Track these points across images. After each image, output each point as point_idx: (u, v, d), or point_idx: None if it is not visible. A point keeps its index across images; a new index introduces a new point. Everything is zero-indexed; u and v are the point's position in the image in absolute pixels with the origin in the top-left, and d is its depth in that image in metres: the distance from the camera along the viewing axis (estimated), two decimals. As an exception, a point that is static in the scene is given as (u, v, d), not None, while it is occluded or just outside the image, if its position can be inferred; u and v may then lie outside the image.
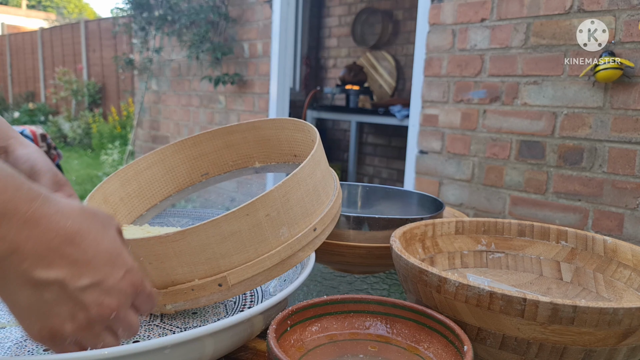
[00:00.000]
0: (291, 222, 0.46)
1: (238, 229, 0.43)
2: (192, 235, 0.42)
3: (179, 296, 0.45)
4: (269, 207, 0.44)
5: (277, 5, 2.74)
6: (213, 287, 0.44)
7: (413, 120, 2.09)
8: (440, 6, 1.94)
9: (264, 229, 0.44)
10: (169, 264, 0.43)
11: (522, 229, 0.61)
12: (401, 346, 0.43)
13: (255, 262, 0.44)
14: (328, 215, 0.51)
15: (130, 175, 0.64)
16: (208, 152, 0.68)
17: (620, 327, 0.37)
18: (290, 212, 0.46)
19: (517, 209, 1.79)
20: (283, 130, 0.64)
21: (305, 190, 0.47)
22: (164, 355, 0.34)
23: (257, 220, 0.44)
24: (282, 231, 0.46)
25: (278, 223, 0.45)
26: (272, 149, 0.67)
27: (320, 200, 0.50)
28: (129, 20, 3.79)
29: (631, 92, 1.50)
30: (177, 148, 0.67)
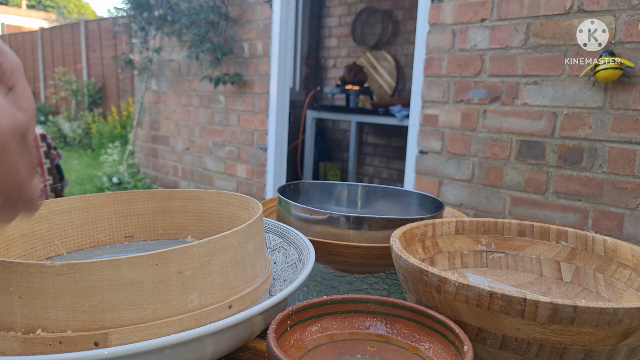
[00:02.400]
0: (205, 290, 0.39)
1: (140, 279, 0.36)
2: (83, 271, 0.35)
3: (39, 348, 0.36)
4: (184, 263, 0.37)
5: (277, 5, 2.74)
6: (87, 344, 0.36)
7: (413, 120, 2.09)
8: (440, 6, 1.94)
9: (171, 288, 0.37)
10: (43, 303, 0.35)
11: (522, 229, 0.61)
12: (401, 346, 0.43)
13: (148, 326, 0.37)
14: (249, 296, 0.44)
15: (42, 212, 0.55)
16: (140, 213, 0.62)
17: (620, 327, 0.37)
18: (207, 278, 0.39)
19: (517, 209, 1.79)
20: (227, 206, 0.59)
21: (231, 258, 0.41)
22: (164, 355, 0.34)
23: (166, 274, 0.37)
24: (191, 297, 0.38)
25: (190, 286, 0.38)
26: (210, 224, 0.61)
27: (246, 277, 0.43)
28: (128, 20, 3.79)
29: (631, 92, 1.50)
30: (108, 200, 0.60)
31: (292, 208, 0.67)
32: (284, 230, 0.61)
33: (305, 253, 0.53)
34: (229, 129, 3.14)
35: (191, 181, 3.51)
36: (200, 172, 3.42)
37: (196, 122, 3.39)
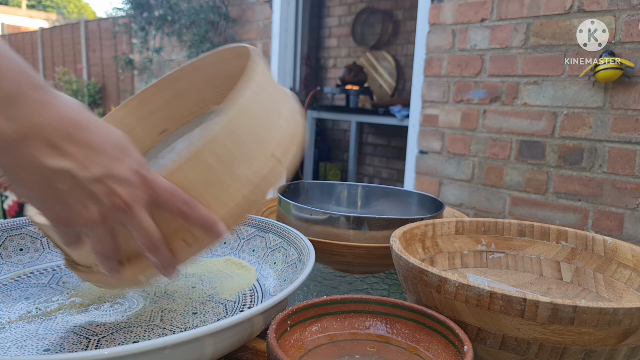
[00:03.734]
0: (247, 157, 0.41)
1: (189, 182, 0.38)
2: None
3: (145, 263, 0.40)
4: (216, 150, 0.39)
5: (277, 5, 2.74)
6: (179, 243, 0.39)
7: (413, 120, 2.09)
8: (440, 6, 1.94)
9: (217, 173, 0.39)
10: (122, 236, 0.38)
11: (522, 229, 0.61)
12: (401, 346, 0.43)
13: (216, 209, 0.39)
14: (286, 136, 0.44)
15: None
16: (159, 107, 0.62)
17: (620, 327, 0.37)
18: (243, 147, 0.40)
19: (517, 209, 1.79)
20: (227, 62, 0.57)
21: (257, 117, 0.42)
22: (164, 355, 0.34)
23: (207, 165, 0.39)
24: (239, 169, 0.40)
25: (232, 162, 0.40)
26: (223, 85, 0.59)
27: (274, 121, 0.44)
28: (128, 20, 3.79)
29: (631, 92, 1.50)
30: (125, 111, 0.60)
31: (292, 208, 0.67)
32: (284, 230, 0.61)
33: (305, 253, 0.53)
34: (229, 129, 3.14)
35: (191, 181, 3.51)
36: (200, 172, 3.41)
37: (196, 122, 3.39)
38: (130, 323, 0.47)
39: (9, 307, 0.49)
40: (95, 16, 15.93)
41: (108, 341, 0.44)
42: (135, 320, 0.48)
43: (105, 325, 0.47)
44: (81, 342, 0.43)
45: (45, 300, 0.52)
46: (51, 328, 0.45)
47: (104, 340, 0.44)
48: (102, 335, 0.44)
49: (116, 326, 0.46)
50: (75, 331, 0.45)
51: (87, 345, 0.43)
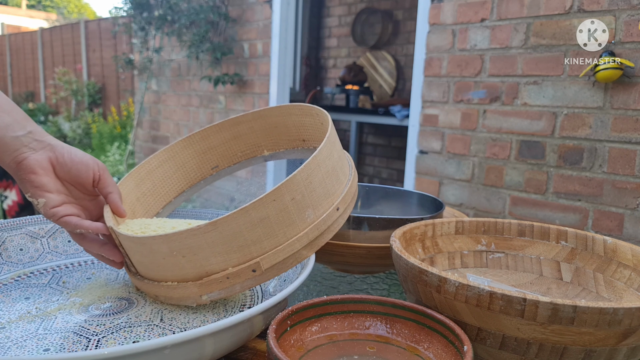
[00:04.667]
0: (315, 204, 0.48)
1: (266, 215, 0.44)
2: (224, 225, 0.43)
3: (214, 285, 0.46)
4: (293, 191, 0.45)
5: (277, 5, 2.74)
6: (247, 273, 0.45)
7: (413, 120, 2.09)
8: (440, 6, 1.94)
9: (290, 213, 0.46)
10: (203, 255, 0.44)
11: (522, 229, 0.61)
12: (401, 346, 0.43)
13: (285, 246, 0.46)
14: (348, 194, 0.52)
15: (143, 174, 0.65)
16: (216, 145, 0.69)
17: (620, 327, 0.37)
18: (313, 194, 0.47)
19: (517, 209, 1.79)
20: (290, 117, 0.65)
21: (325, 171, 0.49)
22: (164, 355, 0.34)
23: (283, 205, 0.45)
24: (307, 213, 0.47)
25: (303, 206, 0.46)
26: (279, 136, 0.67)
27: (340, 181, 0.52)
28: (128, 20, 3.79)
29: (631, 92, 1.50)
30: (186, 144, 0.68)
31: (292, 208, 0.67)
32: (284, 230, 0.61)
33: (305, 253, 0.53)
34: (229, 129, 3.14)
35: (191, 181, 3.51)
36: (200, 172, 3.41)
37: (196, 122, 3.39)
38: (130, 323, 0.47)
39: (9, 307, 0.49)
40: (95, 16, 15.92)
41: (108, 341, 0.44)
42: (135, 320, 0.48)
43: (105, 325, 0.47)
44: (81, 342, 0.43)
45: (45, 300, 0.52)
46: (51, 328, 0.45)
47: (104, 340, 0.44)
48: (102, 335, 0.44)
49: (116, 326, 0.46)
50: (75, 331, 0.45)
51: (87, 345, 0.43)
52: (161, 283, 0.48)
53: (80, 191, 0.53)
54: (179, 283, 0.47)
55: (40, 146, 0.50)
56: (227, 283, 0.46)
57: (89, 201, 0.54)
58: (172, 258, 0.45)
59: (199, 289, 0.46)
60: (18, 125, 0.49)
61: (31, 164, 0.49)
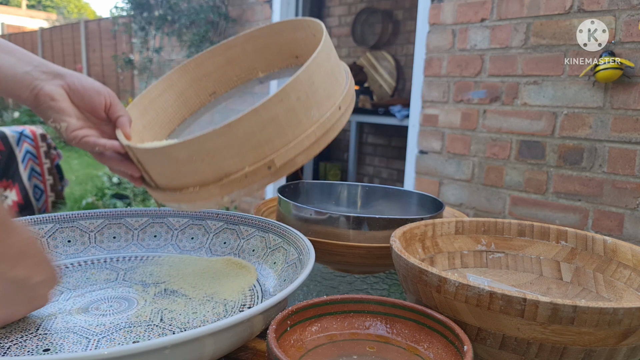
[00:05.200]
0: (319, 104, 0.50)
1: (275, 115, 0.47)
2: (237, 126, 0.46)
3: (234, 185, 0.48)
4: (298, 90, 0.48)
5: (277, 5, 2.74)
6: (263, 171, 0.48)
7: (413, 120, 2.09)
8: (440, 6, 1.94)
9: (297, 112, 0.48)
10: (220, 157, 0.47)
11: (522, 229, 0.61)
12: (401, 346, 0.43)
13: (295, 143, 0.49)
14: (348, 95, 0.55)
15: (146, 104, 0.66)
16: (211, 71, 0.70)
17: (620, 327, 0.37)
18: (316, 94, 0.50)
19: (517, 209, 1.79)
20: (281, 34, 0.65)
21: (325, 73, 0.51)
22: (164, 355, 0.34)
23: (290, 104, 0.47)
24: (312, 112, 0.50)
25: (308, 105, 0.49)
26: (272, 56, 0.68)
27: (338, 82, 0.54)
28: (128, 20, 3.79)
29: (631, 92, 1.50)
30: (182, 72, 0.69)
31: (292, 208, 0.67)
32: (284, 230, 0.61)
33: (305, 253, 0.53)
34: (229, 129, 3.14)
35: (191, 181, 3.51)
36: (200, 172, 3.41)
37: (196, 122, 3.39)
38: (130, 323, 0.47)
39: (9, 307, 0.49)
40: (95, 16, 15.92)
41: (108, 341, 0.44)
42: (135, 320, 0.48)
43: (105, 325, 0.47)
44: (81, 342, 0.43)
45: (45, 300, 0.52)
46: (51, 328, 0.45)
47: (104, 340, 0.44)
48: (102, 335, 0.44)
49: (116, 326, 0.46)
50: (75, 331, 0.45)
51: (87, 345, 0.43)
52: (183, 191, 0.51)
53: (95, 116, 0.56)
54: (201, 188, 0.49)
55: (50, 76, 0.53)
56: (245, 182, 0.48)
57: (104, 126, 0.58)
58: (191, 163, 0.48)
59: (220, 190, 0.48)
60: (23, 62, 0.52)
61: (49, 92, 0.52)
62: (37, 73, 0.52)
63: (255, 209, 0.76)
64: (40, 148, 2.75)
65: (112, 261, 0.63)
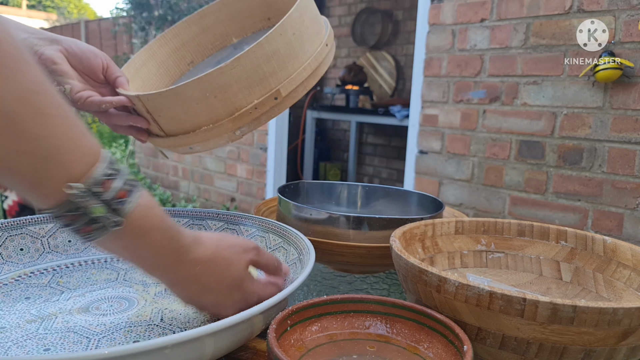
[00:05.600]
0: (310, 40, 0.55)
1: (277, 48, 0.51)
2: (245, 59, 0.49)
3: (245, 118, 0.52)
4: (293, 26, 0.52)
5: (277, 5, 2.73)
6: (270, 101, 0.52)
7: (413, 120, 2.09)
8: (440, 6, 1.94)
9: (294, 46, 0.53)
10: (231, 92, 0.50)
11: (521, 229, 0.61)
12: (401, 346, 0.43)
13: (295, 75, 0.53)
14: (331, 35, 0.61)
15: (132, 72, 0.68)
16: (188, 40, 0.72)
17: (620, 327, 0.37)
18: (308, 31, 0.55)
19: (517, 209, 1.80)
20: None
21: (311, 13, 0.56)
22: (164, 355, 0.34)
23: (288, 39, 0.52)
24: (306, 47, 0.54)
25: (302, 40, 0.54)
26: (245, 20, 0.71)
27: (321, 24, 0.60)
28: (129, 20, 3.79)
29: (631, 92, 1.51)
30: (161, 42, 0.71)
31: (292, 208, 0.67)
32: (284, 230, 0.61)
33: (305, 253, 0.53)
34: (229, 129, 3.14)
35: (191, 181, 3.51)
36: (200, 172, 3.42)
37: (196, 122, 3.39)
38: (130, 323, 0.47)
39: (9, 307, 0.50)
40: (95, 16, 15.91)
41: (108, 341, 0.44)
42: (135, 320, 0.48)
43: (105, 325, 0.47)
44: (81, 342, 0.43)
45: (46, 300, 0.52)
46: (51, 328, 0.45)
47: (104, 340, 0.44)
48: (102, 335, 0.45)
49: (116, 326, 0.46)
50: (75, 331, 0.45)
51: (87, 345, 0.43)
52: (196, 131, 0.53)
53: (93, 79, 0.58)
54: (214, 124, 0.52)
55: (48, 42, 0.54)
56: (255, 113, 0.52)
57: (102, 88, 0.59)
58: (205, 101, 0.51)
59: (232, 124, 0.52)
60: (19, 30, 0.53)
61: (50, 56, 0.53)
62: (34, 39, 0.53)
63: (255, 209, 0.76)
64: (40, 148, 2.75)
65: (113, 261, 0.63)
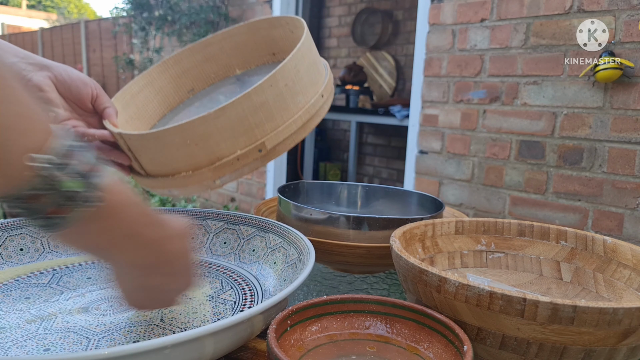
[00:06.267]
0: (304, 91, 0.53)
1: (266, 100, 0.49)
2: (230, 109, 0.47)
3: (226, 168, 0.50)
4: (285, 77, 0.50)
5: (277, 5, 2.74)
6: (254, 153, 0.50)
7: (413, 120, 2.09)
8: (440, 6, 1.94)
9: (285, 98, 0.51)
10: (213, 141, 0.49)
11: (522, 229, 0.61)
12: (401, 346, 0.43)
13: (283, 128, 0.51)
14: (329, 85, 0.58)
15: (127, 99, 0.67)
16: (190, 68, 0.72)
17: (620, 327, 0.37)
18: (302, 82, 0.53)
19: (517, 209, 1.79)
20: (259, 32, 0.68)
21: (308, 63, 0.54)
22: (164, 355, 0.34)
23: (278, 90, 0.50)
24: (298, 99, 0.52)
25: (294, 92, 0.52)
26: (250, 53, 0.70)
27: (320, 73, 0.57)
28: (129, 20, 3.79)
29: (631, 92, 1.50)
30: (162, 69, 0.70)
31: (292, 208, 0.67)
32: (284, 230, 0.61)
33: (305, 253, 0.53)
34: (229, 129, 3.14)
35: (191, 181, 3.51)
36: (200, 172, 3.41)
37: (196, 122, 3.39)
38: (130, 323, 0.47)
39: (9, 307, 0.49)
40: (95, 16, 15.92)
41: (108, 341, 0.44)
42: (135, 320, 0.48)
43: (105, 325, 0.47)
44: (81, 342, 0.43)
45: (45, 300, 0.52)
46: (51, 328, 0.45)
47: (104, 340, 0.44)
48: (102, 335, 0.45)
49: (116, 326, 0.46)
50: (75, 331, 0.45)
51: (87, 345, 0.43)
52: (175, 176, 0.52)
53: (81, 108, 0.57)
54: (193, 172, 0.51)
55: (37, 68, 0.53)
56: (237, 165, 0.50)
57: (89, 117, 0.58)
58: (185, 148, 0.49)
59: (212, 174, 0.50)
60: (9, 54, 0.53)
61: (37, 83, 0.52)
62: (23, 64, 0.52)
63: (255, 209, 0.76)
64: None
65: (112, 261, 0.63)
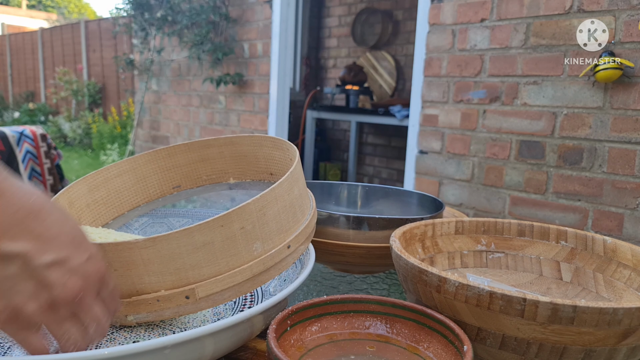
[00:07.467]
0: (265, 238, 0.45)
1: (211, 240, 0.41)
2: (163, 243, 0.40)
3: (143, 307, 0.42)
4: (244, 220, 0.43)
5: (277, 6, 2.74)
6: (180, 299, 0.42)
7: (413, 120, 2.09)
8: (440, 6, 1.94)
9: (237, 242, 0.43)
10: (136, 272, 0.41)
11: (522, 229, 0.61)
12: (401, 346, 0.43)
13: (225, 276, 0.42)
14: (302, 234, 0.49)
15: (99, 181, 0.62)
16: (182, 164, 0.67)
17: (620, 327, 0.37)
18: (265, 227, 0.44)
19: (517, 209, 1.79)
20: (261, 148, 0.63)
21: (282, 206, 0.46)
22: (164, 355, 0.34)
23: (231, 232, 0.42)
24: (255, 246, 0.44)
25: (252, 237, 0.44)
26: (248, 165, 0.66)
27: (296, 218, 0.49)
28: (129, 20, 3.79)
29: (631, 92, 1.51)
30: (150, 158, 0.66)
31: (292, 208, 0.67)
32: (284, 230, 0.60)
33: (305, 253, 0.53)
34: (229, 128, 3.14)
35: (191, 181, 3.51)
36: (200, 172, 3.42)
37: (196, 122, 3.39)
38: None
39: (9, 307, 0.49)
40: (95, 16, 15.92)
41: (108, 341, 0.44)
42: (135, 320, 0.48)
43: (105, 325, 0.46)
44: (81, 342, 0.43)
45: (46, 300, 0.52)
46: (51, 328, 0.45)
47: (104, 340, 0.44)
48: (102, 335, 0.44)
49: (116, 326, 0.46)
50: (76, 331, 0.45)
51: (87, 345, 0.43)
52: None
53: None
54: None
55: None
56: (156, 306, 0.42)
57: None
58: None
59: (125, 308, 0.42)
60: None
61: None
62: None
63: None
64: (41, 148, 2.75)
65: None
